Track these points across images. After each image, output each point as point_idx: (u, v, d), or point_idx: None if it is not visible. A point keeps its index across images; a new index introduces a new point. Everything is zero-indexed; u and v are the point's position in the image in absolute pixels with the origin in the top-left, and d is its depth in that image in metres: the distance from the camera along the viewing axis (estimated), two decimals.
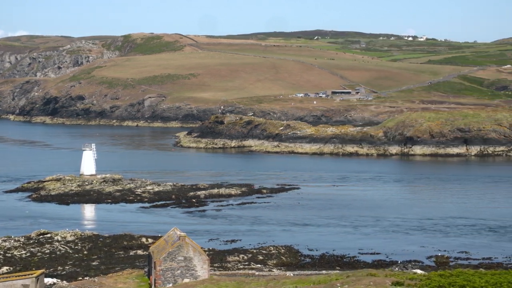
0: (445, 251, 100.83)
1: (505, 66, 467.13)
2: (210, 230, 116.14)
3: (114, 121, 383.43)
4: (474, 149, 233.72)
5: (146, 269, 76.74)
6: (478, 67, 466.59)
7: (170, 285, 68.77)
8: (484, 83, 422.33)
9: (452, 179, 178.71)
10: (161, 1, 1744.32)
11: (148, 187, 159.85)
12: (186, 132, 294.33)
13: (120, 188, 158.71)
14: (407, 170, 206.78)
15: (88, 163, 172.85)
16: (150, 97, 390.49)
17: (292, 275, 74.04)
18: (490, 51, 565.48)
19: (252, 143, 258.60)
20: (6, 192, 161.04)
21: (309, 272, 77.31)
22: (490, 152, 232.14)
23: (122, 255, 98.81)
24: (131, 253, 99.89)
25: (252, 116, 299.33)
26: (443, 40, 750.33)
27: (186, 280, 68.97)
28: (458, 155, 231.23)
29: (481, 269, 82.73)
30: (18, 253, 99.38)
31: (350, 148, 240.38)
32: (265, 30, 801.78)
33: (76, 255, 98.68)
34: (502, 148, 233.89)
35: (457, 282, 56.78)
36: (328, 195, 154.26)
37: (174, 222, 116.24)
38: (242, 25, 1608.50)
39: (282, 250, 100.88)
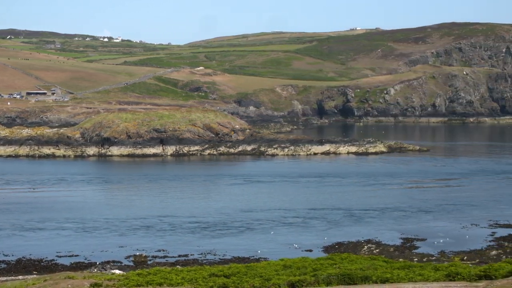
0: (143, 250, 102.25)
1: (198, 68, 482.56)
2: None
3: None
4: (170, 149, 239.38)
5: None
6: (172, 69, 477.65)
7: None
8: (178, 84, 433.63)
9: (153, 179, 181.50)
10: None
11: None
12: None
13: None
14: (106, 171, 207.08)
15: None
16: None
17: None
18: (184, 53, 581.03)
19: None
20: None
21: (5, 278, 75.31)
22: (186, 151, 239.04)
23: None
24: None
25: None
26: (138, 41, 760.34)
27: None
28: (155, 155, 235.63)
29: (178, 266, 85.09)
30: None
31: (46, 150, 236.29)
32: None
33: None
34: (196, 147, 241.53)
35: (154, 280, 57.98)
36: (26, 199, 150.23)
37: None
38: None
39: None
